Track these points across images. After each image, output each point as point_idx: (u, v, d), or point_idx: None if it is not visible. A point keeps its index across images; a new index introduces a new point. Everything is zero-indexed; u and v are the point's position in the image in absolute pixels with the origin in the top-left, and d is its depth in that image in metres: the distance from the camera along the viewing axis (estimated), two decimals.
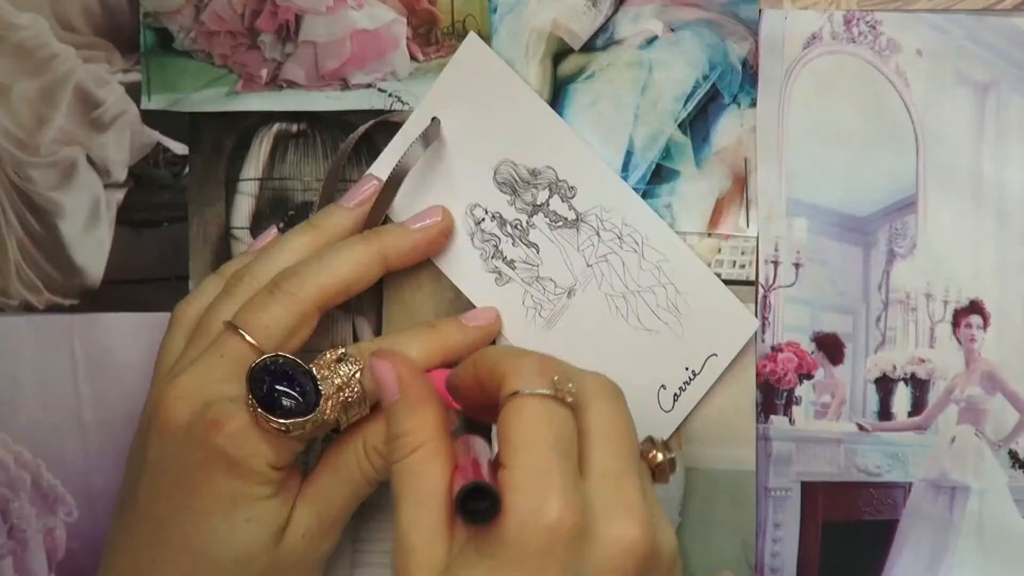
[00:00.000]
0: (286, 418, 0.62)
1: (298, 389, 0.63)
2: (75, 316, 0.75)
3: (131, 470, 0.67)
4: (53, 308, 0.75)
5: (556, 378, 0.56)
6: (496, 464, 0.56)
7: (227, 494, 0.63)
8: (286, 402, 0.63)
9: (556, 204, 0.71)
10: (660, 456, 0.60)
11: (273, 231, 0.73)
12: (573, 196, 0.71)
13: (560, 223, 0.71)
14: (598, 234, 0.71)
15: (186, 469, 0.63)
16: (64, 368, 0.75)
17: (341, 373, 0.64)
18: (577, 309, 0.70)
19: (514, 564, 0.53)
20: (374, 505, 0.71)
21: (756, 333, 0.71)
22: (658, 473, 0.60)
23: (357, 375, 0.64)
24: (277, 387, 0.63)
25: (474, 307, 0.72)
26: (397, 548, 0.57)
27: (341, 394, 0.64)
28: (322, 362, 0.64)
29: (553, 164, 0.71)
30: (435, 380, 0.64)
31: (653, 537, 0.55)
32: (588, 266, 0.71)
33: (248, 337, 0.64)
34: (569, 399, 0.56)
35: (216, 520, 0.63)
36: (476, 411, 0.62)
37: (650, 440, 0.61)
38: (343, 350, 0.65)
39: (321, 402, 0.63)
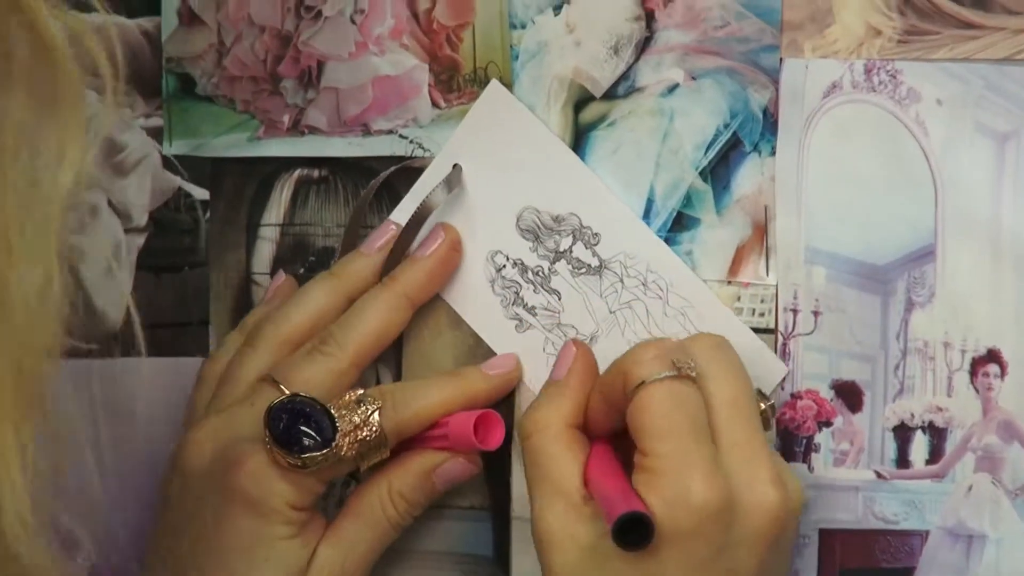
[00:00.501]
0: (302, 454, 0.62)
1: (315, 426, 0.63)
2: (95, 361, 0.74)
3: (157, 511, 0.68)
4: (73, 352, 0.75)
5: (675, 358, 0.59)
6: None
7: (247, 533, 0.63)
8: (304, 440, 0.63)
9: (579, 251, 0.71)
10: (763, 405, 0.63)
11: (281, 276, 0.73)
12: (597, 243, 0.71)
13: (583, 270, 0.71)
14: (622, 281, 0.71)
15: (207, 508, 0.64)
16: (83, 412, 0.74)
17: (359, 412, 0.65)
18: (600, 356, 0.69)
19: (666, 547, 0.56)
20: (398, 551, 0.71)
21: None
22: (762, 422, 0.62)
23: (375, 415, 0.65)
24: (294, 426, 0.63)
25: (494, 354, 0.72)
26: (535, 532, 0.60)
27: (359, 432, 0.64)
28: (341, 402, 0.65)
29: (577, 210, 0.71)
30: (464, 424, 0.65)
31: (787, 495, 0.58)
32: (611, 312, 0.71)
33: (285, 390, 0.65)
34: (692, 374, 0.59)
35: (236, 559, 0.63)
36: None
37: None
38: (362, 391, 0.66)
39: (338, 438, 0.63)
